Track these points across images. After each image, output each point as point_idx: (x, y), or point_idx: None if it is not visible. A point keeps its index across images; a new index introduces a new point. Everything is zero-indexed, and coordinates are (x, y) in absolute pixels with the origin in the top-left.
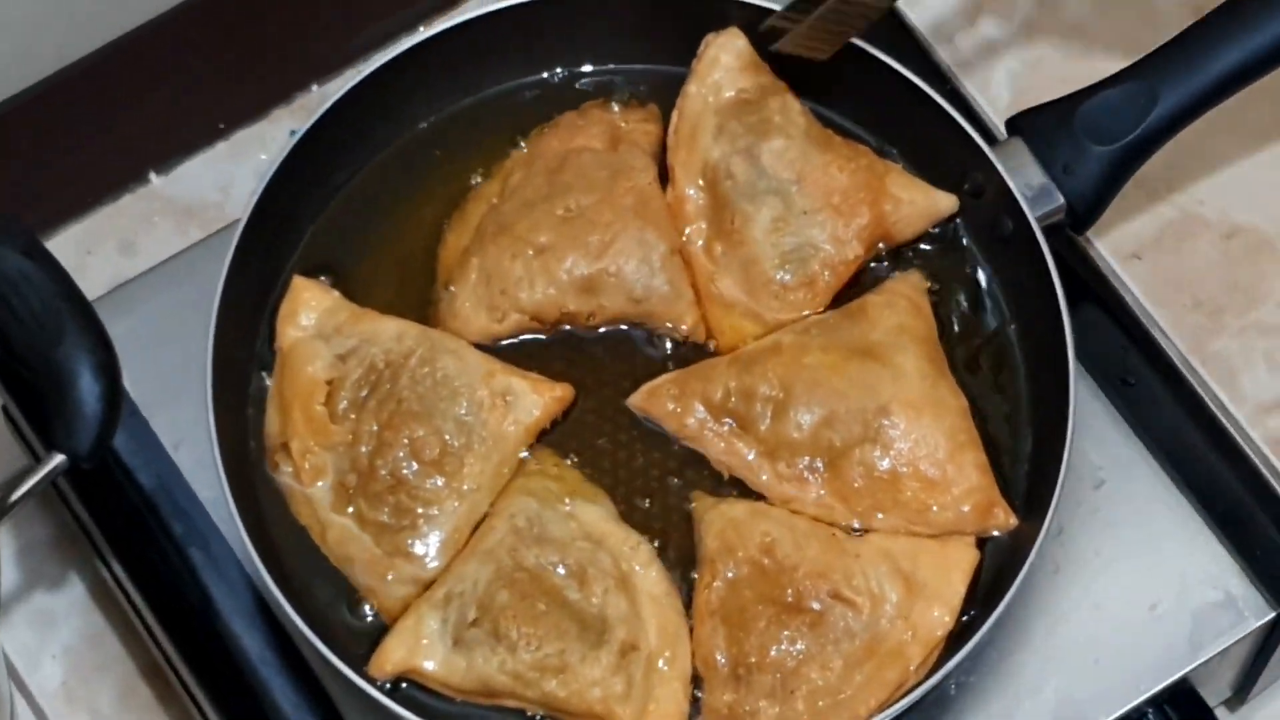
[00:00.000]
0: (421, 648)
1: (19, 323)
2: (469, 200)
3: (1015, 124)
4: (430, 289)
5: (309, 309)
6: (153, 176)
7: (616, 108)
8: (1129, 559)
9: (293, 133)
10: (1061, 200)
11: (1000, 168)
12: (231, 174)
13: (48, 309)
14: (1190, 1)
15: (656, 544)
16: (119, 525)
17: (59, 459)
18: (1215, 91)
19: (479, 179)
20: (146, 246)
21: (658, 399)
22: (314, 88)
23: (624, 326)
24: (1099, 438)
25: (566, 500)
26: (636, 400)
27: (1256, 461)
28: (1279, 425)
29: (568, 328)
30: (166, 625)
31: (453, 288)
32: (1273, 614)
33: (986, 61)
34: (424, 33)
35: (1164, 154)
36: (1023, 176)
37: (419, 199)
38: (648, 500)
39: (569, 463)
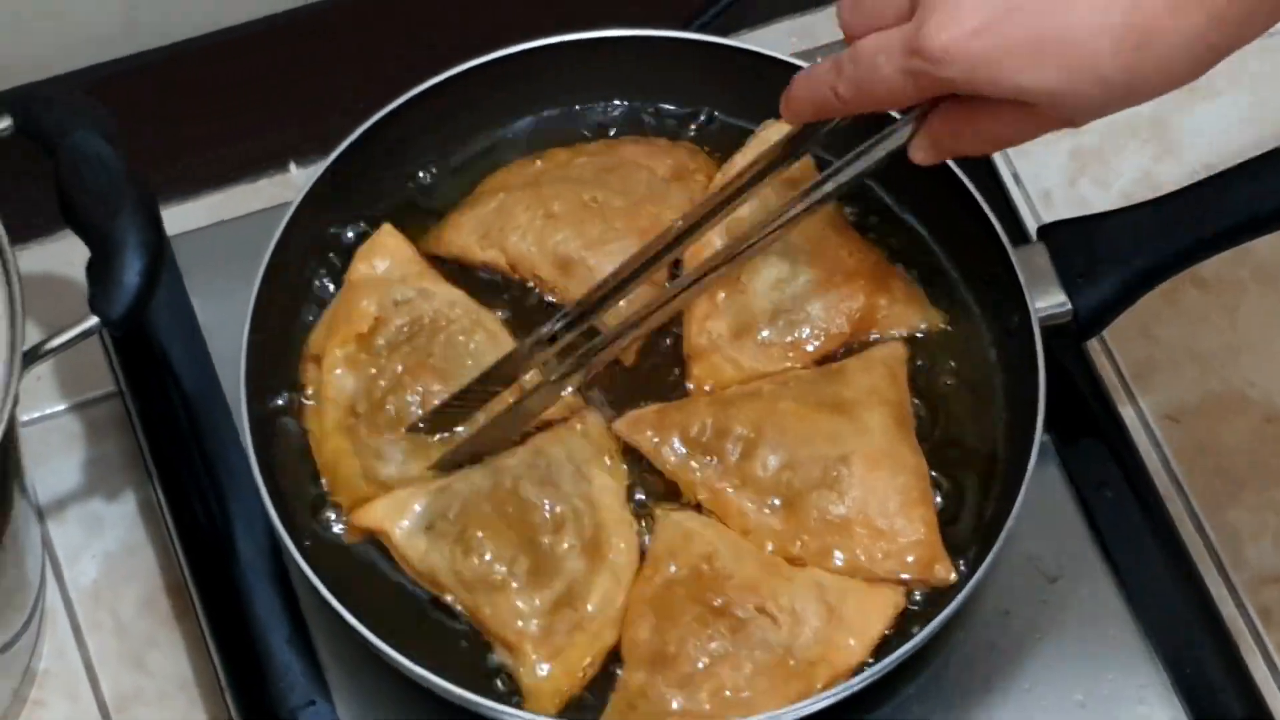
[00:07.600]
0: (399, 520)
1: (87, 195)
2: (541, 157)
3: (1043, 231)
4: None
5: (388, 254)
6: (292, 166)
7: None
8: (1066, 651)
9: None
10: (1068, 305)
11: (1017, 265)
12: None
13: (114, 188)
14: None
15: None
16: (166, 453)
17: (93, 320)
18: (1229, 235)
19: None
20: None
21: (639, 427)
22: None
23: None
24: (1067, 536)
25: (591, 465)
26: (620, 426)
27: (1238, 618)
28: (1272, 598)
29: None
30: (185, 544)
31: (470, 207)
32: None
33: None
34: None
35: (1228, 336)
36: (1036, 276)
37: None
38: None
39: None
